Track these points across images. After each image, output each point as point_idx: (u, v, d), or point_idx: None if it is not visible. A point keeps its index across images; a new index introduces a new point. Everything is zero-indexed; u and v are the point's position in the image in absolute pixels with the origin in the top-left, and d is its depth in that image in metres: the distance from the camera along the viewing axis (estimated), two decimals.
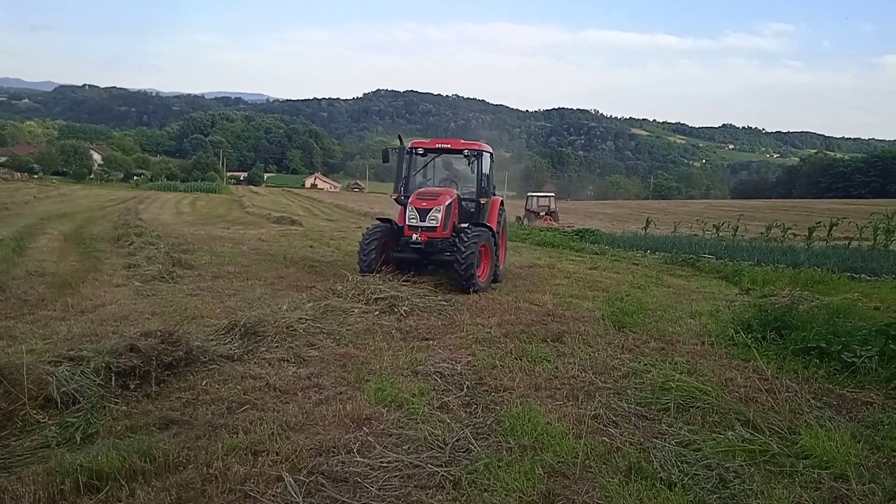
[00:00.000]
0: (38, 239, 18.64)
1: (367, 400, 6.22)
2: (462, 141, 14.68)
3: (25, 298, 10.19)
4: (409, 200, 13.29)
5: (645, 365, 7.76)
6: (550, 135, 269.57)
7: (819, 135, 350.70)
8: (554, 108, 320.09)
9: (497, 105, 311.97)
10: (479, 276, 12.65)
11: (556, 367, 7.62)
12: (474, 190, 14.59)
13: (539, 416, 5.87)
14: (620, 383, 7.13)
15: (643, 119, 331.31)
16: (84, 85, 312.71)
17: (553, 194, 48.60)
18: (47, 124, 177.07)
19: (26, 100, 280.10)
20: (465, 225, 13.40)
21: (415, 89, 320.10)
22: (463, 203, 14.15)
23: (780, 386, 7.06)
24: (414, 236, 12.92)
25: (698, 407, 6.31)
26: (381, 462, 4.91)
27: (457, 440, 5.39)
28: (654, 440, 5.58)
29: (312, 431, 5.43)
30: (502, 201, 15.28)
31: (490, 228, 13.37)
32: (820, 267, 17.92)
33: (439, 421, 5.80)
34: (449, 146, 14.55)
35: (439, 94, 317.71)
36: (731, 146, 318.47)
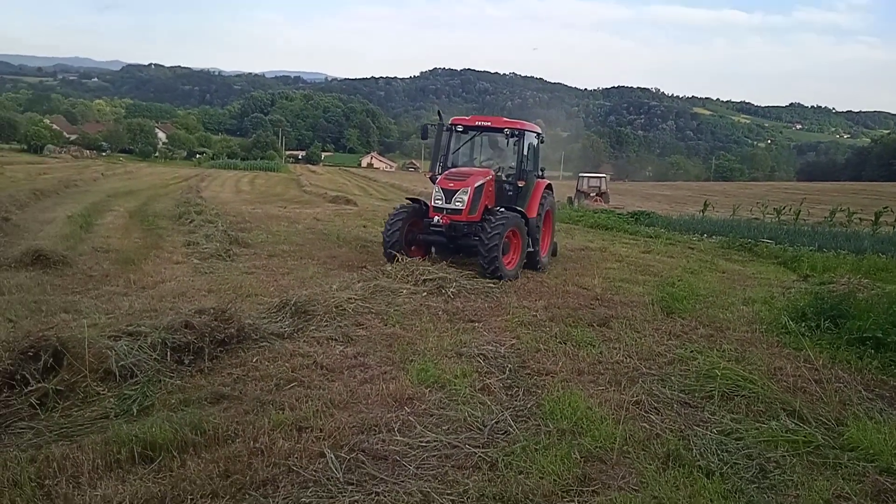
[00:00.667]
0: (105, 216, 19.38)
1: (411, 380, 6.36)
2: (504, 119, 13.86)
3: (91, 274, 10.67)
4: (437, 180, 12.66)
5: (691, 352, 7.71)
6: (609, 114, 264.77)
7: (893, 115, 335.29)
8: (613, 87, 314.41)
9: (555, 83, 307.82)
10: (506, 264, 12.03)
11: (600, 352, 7.63)
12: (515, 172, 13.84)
13: (580, 400, 5.92)
14: (665, 370, 7.10)
15: (706, 98, 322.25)
16: (150, 64, 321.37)
17: (604, 175, 48.33)
18: (115, 103, 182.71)
19: (96, 79, 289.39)
20: (500, 209, 12.57)
21: (472, 67, 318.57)
22: (505, 185, 13.37)
23: (831, 376, 6.93)
24: (436, 218, 12.30)
25: (743, 396, 6.25)
26: (421, 441, 5.04)
27: (496, 422, 5.48)
28: (695, 428, 5.56)
29: (356, 410, 5.59)
30: (549, 185, 14.35)
31: (520, 213, 12.63)
32: (885, 254, 17.32)
33: (480, 403, 5.90)
34: (489, 124, 13.68)
35: (496, 73, 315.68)
36: (798, 126, 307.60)
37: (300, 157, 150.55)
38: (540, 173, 14.39)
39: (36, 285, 9.61)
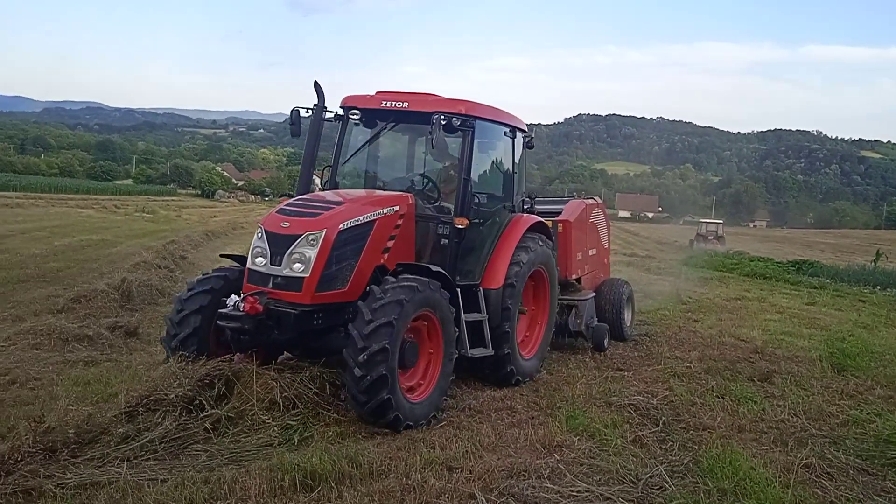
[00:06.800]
0: None
1: (559, 427, 6.26)
2: (435, 96, 7.73)
3: None
4: (265, 217, 6.80)
5: (868, 414, 7.08)
6: (765, 158, 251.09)
7: None
8: (769, 130, 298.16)
9: (705, 127, 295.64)
10: (409, 390, 6.33)
11: (762, 409, 7.17)
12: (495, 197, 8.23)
13: (742, 459, 5.56)
14: (838, 432, 6.56)
15: (875, 140, 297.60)
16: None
17: (721, 221, 54.58)
18: (277, 152, 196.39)
19: (262, 130, 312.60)
20: (401, 272, 6.54)
21: (617, 112, 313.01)
22: (436, 225, 7.49)
23: None
24: (233, 299, 6.18)
25: None
26: (572, 490, 4.92)
27: (650, 476, 5.26)
28: (875, 498, 5.08)
29: (504, 453, 5.57)
30: (541, 223, 8.48)
31: (442, 277, 6.69)
32: None
33: (632, 455, 5.70)
34: (406, 105, 7.54)
35: (643, 117, 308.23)
36: None
37: None
38: (526, 202, 8.81)
39: None
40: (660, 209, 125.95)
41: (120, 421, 5.41)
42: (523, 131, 8.59)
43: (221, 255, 8.22)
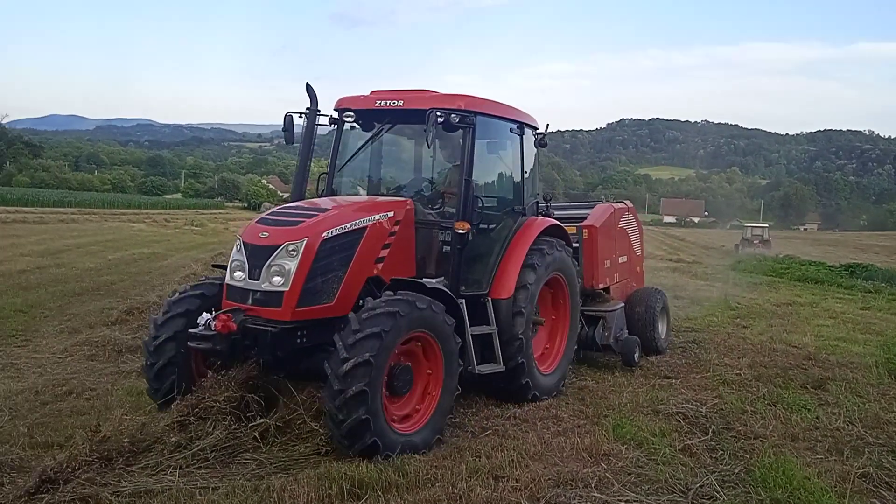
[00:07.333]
0: None
1: (606, 435, 6.20)
2: (433, 92, 7.26)
3: None
4: (243, 229, 6.42)
5: None
6: (815, 159, 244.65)
7: None
8: (819, 131, 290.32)
9: (752, 129, 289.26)
10: (394, 421, 5.75)
11: (816, 417, 6.99)
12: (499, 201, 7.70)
13: (795, 469, 5.43)
14: None
15: None
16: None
17: (766, 225, 55.56)
18: (321, 164, 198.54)
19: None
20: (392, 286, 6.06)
21: (661, 117, 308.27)
22: (438, 231, 7.07)
23: None
24: (204, 318, 5.82)
25: None
26: (620, 500, 4.87)
27: (700, 486, 5.18)
28: None
29: (550, 462, 5.54)
30: (557, 226, 7.96)
31: (437, 294, 6.10)
32: None
33: (681, 464, 5.61)
34: (401, 104, 7.11)
35: (687, 121, 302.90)
36: None
37: None
38: (540, 205, 8.20)
39: None
40: (706, 213, 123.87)
41: (172, 430, 5.52)
42: (533, 128, 8.06)
43: (214, 266, 7.79)
